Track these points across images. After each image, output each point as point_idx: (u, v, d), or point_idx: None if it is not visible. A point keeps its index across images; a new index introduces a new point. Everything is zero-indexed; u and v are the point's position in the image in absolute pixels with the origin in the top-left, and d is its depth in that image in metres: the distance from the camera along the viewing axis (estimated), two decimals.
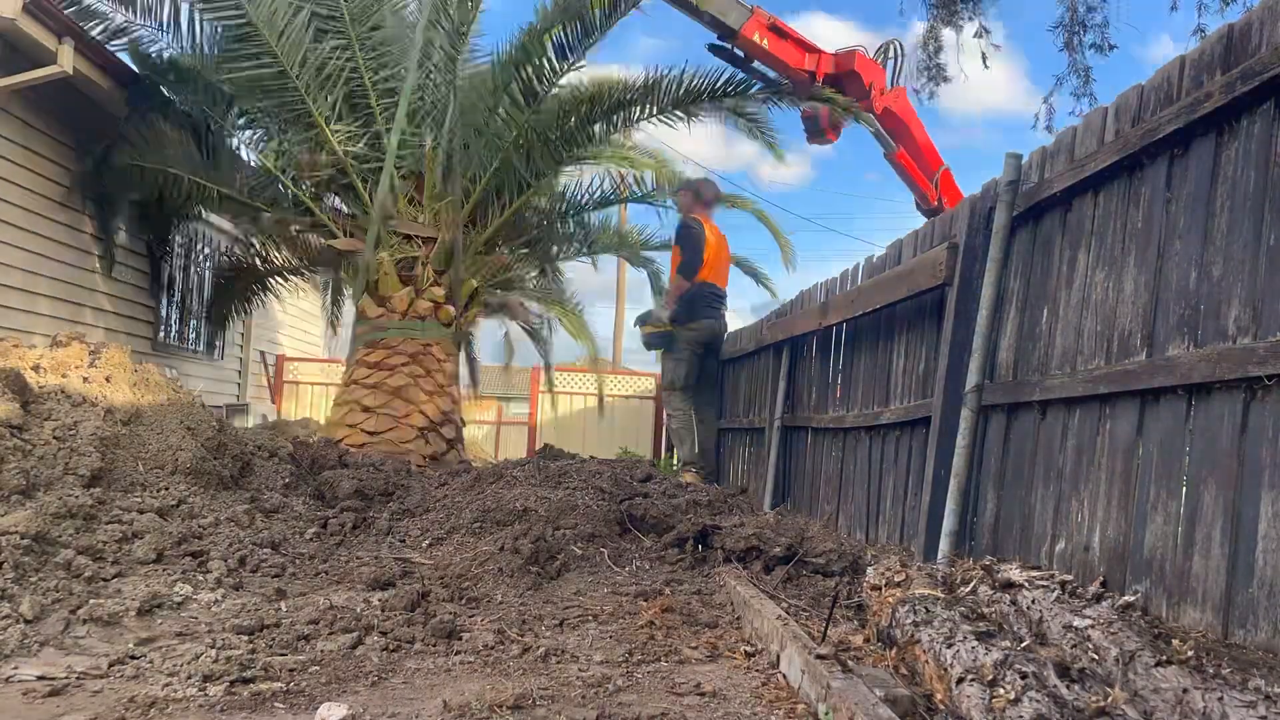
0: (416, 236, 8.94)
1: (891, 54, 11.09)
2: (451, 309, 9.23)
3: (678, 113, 8.86)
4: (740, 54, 10.15)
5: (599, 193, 10.14)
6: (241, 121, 9.08)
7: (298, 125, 8.53)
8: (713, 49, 10.42)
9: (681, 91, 8.77)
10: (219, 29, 8.53)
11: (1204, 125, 3.23)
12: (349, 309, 10.52)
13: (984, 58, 12.67)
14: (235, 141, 9.12)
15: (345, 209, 9.08)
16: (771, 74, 10.42)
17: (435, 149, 8.68)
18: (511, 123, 8.72)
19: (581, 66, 8.53)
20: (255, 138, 8.86)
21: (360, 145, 8.54)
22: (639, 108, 8.81)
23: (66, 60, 8.07)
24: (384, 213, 8.52)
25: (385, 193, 8.32)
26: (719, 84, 8.91)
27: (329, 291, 12.06)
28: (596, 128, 8.94)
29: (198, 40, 9.12)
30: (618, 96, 8.77)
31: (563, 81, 8.59)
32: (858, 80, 10.74)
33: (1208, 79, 3.22)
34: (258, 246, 10.82)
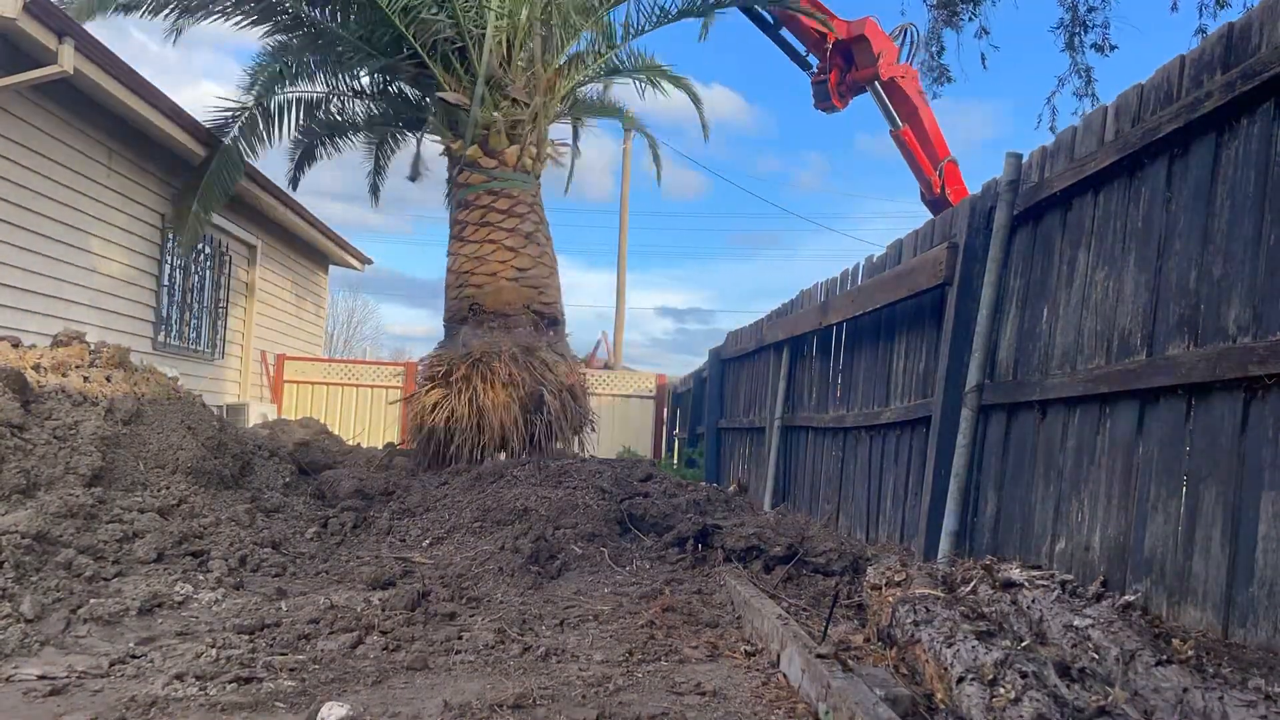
0: (519, 100, 9.81)
1: (908, 38, 11.48)
2: (540, 164, 10.19)
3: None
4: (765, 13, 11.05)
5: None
6: None
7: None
8: (743, 9, 11.21)
9: None
10: None
11: (1204, 125, 3.23)
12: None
13: (982, 58, 12.76)
14: None
15: (451, 70, 9.77)
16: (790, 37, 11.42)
17: (528, 25, 9.69)
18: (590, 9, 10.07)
19: None
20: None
21: (471, 13, 9.33)
22: None
23: (67, 60, 8.07)
24: (489, 72, 9.43)
25: (489, 54, 9.29)
26: None
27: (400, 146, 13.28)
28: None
29: None
30: None
31: None
32: (867, 47, 11.07)
33: (1208, 78, 3.22)
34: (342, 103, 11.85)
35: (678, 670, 3.51)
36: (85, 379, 6.03)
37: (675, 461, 14.99)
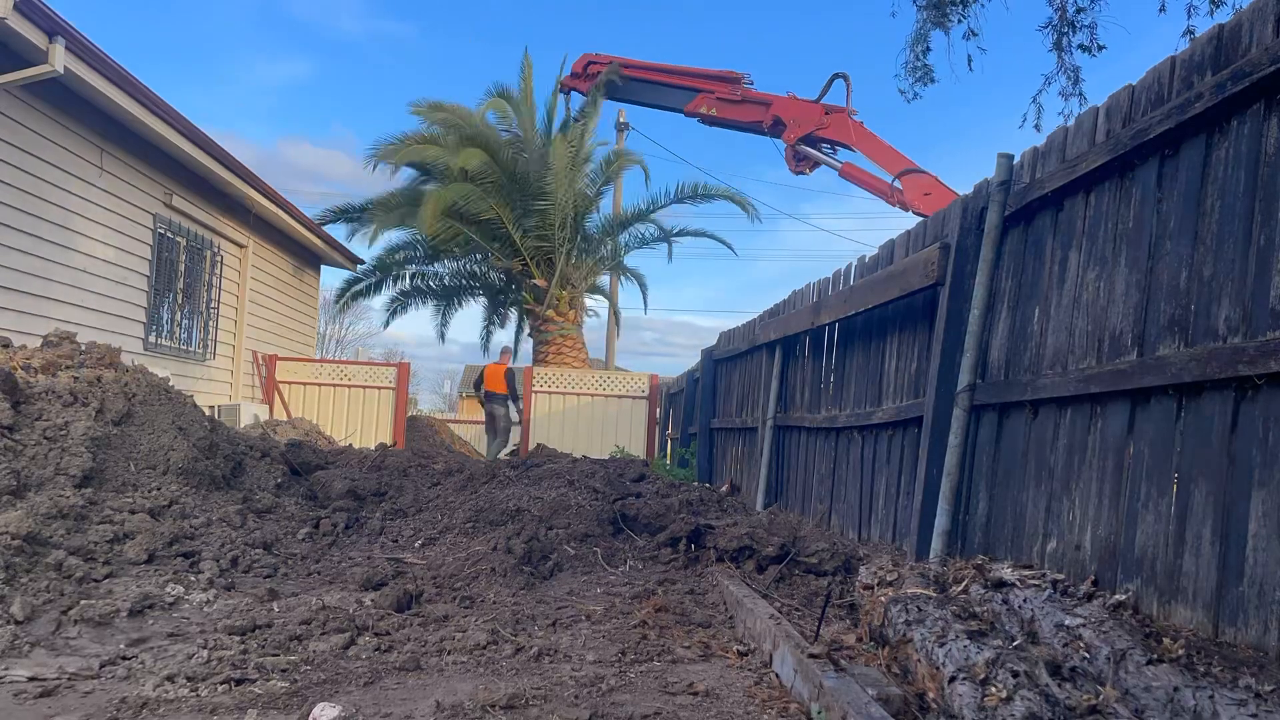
0: (573, 284, 18.58)
1: (842, 85, 14.13)
2: (582, 318, 18.98)
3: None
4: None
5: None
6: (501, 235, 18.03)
7: (530, 236, 17.55)
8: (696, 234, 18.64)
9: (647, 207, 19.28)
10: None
11: (1194, 126, 3.24)
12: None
13: (969, 60, 12.96)
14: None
15: (540, 269, 18.38)
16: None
17: (571, 250, 18.16)
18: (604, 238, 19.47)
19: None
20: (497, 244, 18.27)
21: (552, 236, 17.59)
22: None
23: (58, 59, 8.04)
24: (562, 274, 18.11)
25: (561, 263, 17.87)
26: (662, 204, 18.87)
27: (510, 310, 21.42)
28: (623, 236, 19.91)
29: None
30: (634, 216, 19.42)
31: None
32: (779, 120, 14.19)
33: (1198, 80, 3.23)
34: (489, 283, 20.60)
35: (670, 670, 3.51)
36: (75, 379, 6.00)
37: (668, 461, 14.99)
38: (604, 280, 21.57)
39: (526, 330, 19.56)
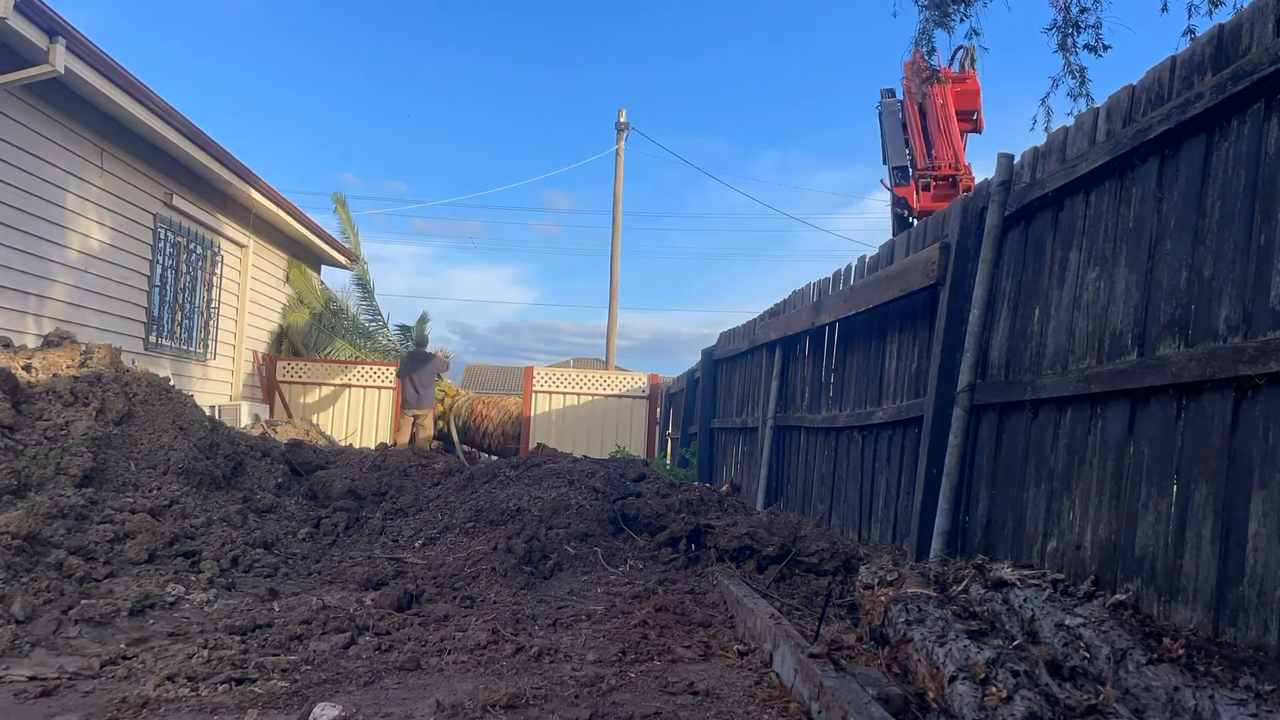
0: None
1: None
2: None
3: None
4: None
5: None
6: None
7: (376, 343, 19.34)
8: None
9: None
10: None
11: (1195, 125, 3.24)
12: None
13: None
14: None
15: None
16: None
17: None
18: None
19: None
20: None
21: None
22: None
23: (59, 59, 8.04)
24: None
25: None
26: None
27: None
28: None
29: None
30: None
31: None
32: None
33: (1198, 80, 3.23)
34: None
35: (670, 670, 3.51)
36: (76, 379, 6.00)
37: (668, 461, 14.99)
38: None
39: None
